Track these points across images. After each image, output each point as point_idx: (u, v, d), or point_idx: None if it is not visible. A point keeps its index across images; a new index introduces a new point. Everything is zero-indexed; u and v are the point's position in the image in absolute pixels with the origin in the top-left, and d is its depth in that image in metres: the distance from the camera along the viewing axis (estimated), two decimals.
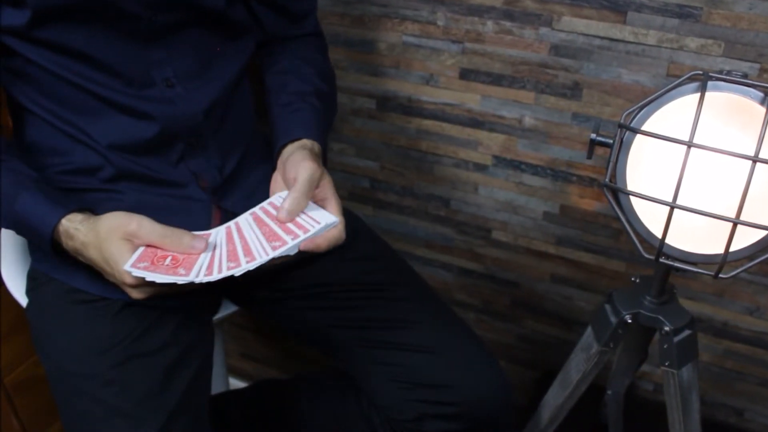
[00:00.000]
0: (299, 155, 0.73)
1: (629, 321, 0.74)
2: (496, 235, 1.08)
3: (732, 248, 0.61)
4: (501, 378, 0.79)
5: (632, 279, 0.78)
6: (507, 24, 0.91)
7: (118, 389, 0.69)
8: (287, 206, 0.69)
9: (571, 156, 0.97)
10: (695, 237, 0.63)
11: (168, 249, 0.67)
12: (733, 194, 0.58)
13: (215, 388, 0.91)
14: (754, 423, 1.08)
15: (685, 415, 0.77)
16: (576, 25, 0.88)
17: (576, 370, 0.82)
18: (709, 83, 0.60)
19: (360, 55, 1.02)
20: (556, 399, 0.87)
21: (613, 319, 0.75)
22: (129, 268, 0.64)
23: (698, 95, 0.59)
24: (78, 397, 0.71)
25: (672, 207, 0.60)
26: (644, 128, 0.62)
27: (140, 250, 0.66)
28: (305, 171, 0.70)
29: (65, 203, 0.69)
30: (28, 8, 0.65)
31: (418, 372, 0.78)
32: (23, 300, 0.82)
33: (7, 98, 0.76)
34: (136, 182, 0.76)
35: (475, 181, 1.05)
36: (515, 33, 0.91)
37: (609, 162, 0.65)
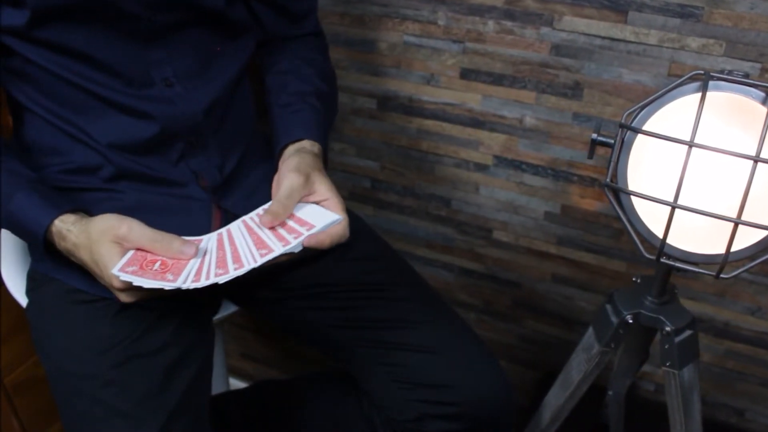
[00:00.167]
0: (291, 163, 0.73)
1: (630, 321, 0.74)
2: (497, 235, 1.08)
3: (733, 248, 0.60)
4: (502, 378, 0.79)
5: (633, 279, 0.78)
6: (508, 24, 0.91)
7: (118, 389, 0.69)
8: (271, 209, 0.69)
9: (572, 156, 0.97)
10: (696, 237, 0.63)
11: (158, 253, 0.66)
12: (735, 194, 0.58)
13: (215, 389, 0.91)
14: (756, 423, 1.08)
15: (687, 416, 0.77)
16: (577, 25, 0.87)
17: (577, 371, 0.82)
18: (711, 83, 0.60)
19: (361, 55, 1.02)
20: (557, 399, 0.87)
21: (614, 320, 0.75)
22: (116, 272, 0.63)
23: (699, 95, 0.59)
24: (78, 398, 0.71)
25: (673, 207, 0.60)
26: (645, 128, 0.62)
27: (130, 254, 0.66)
28: (287, 180, 0.71)
29: (59, 204, 0.69)
30: (28, 8, 0.65)
31: (419, 372, 0.78)
32: (23, 300, 0.82)
33: (7, 98, 0.76)
34: (137, 181, 0.76)
35: (476, 181, 1.05)
36: (516, 33, 0.91)
37: (610, 162, 0.65)
